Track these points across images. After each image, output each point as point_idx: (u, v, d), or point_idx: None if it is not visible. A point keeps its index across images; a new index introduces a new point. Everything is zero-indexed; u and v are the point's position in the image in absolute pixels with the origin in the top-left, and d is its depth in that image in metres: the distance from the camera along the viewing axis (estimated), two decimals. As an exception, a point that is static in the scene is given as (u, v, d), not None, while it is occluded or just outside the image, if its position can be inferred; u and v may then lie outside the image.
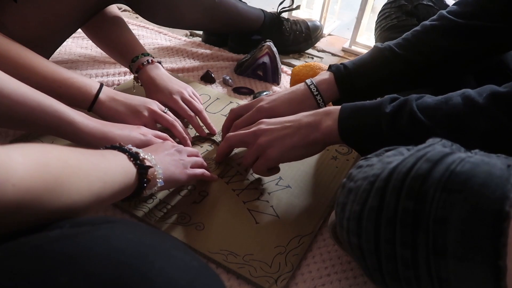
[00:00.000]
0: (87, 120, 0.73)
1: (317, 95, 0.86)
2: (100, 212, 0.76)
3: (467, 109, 0.61)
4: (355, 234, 0.49)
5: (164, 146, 0.75)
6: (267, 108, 0.84)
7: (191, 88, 1.00)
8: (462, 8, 0.84)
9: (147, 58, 1.00)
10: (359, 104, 0.71)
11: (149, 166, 0.63)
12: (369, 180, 0.49)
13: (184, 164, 0.74)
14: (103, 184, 0.53)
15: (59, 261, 0.34)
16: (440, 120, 0.63)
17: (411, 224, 0.44)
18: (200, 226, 0.73)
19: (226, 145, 0.83)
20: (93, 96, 0.84)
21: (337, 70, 0.88)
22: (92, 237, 0.38)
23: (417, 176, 0.45)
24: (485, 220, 0.40)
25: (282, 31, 1.38)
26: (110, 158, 0.58)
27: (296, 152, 0.75)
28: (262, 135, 0.76)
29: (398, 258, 0.45)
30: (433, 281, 0.44)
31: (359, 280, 0.70)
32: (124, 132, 0.76)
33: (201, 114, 0.96)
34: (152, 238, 0.42)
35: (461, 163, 0.44)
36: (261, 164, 0.77)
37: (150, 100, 0.90)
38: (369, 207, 0.47)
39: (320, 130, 0.73)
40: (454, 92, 0.64)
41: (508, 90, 0.59)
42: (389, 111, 0.66)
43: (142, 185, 0.62)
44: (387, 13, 1.12)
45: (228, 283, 0.67)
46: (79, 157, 0.51)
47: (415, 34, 0.87)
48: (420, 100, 0.66)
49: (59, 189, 0.45)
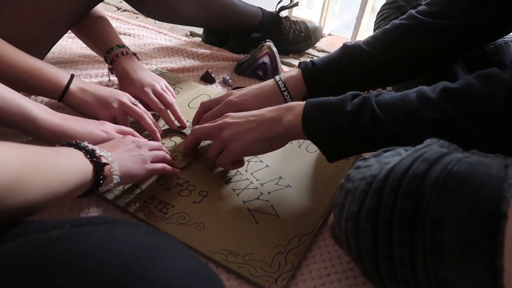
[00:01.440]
0: (49, 116, 0.73)
1: (285, 91, 0.88)
2: (100, 212, 0.76)
3: (421, 104, 0.63)
4: (353, 234, 0.50)
5: (123, 142, 0.75)
6: (235, 102, 0.86)
7: (165, 81, 1.01)
8: (430, 7, 0.86)
9: (122, 49, 1.00)
10: (322, 101, 0.72)
11: (105, 163, 0.63)
12: (367, 180, 0.49)
13: (143, 159, 0.75)
14: (60, 182, 0.53)
15: (58, 262, 0.34)
16: (396, 116, 0.64)
17: (408, 224, 0.44)
18: (200, 226, 0.74)
19: (192, 137, 0.85)
20: (63, 87, 0.84)
21: (305, 67, 0.90)
22: (91, 238, 0.38)
23: (414, 176, 0.45)
24: (482, 220, 0.40)
25: (281, 29, 1.38)
26: (67, 156, 0.59)
27: (259, 146, 0.77)
28: (226, 129, 0.77)
29: (396, 258, 0.45)
30: (430, 281, 0.44)
31: (359, 280, 0.70)
32: (85, 130, 0.77)
33: (172, 107, 0.97)
34: (151, 239, 0.42)
35: (458, 163, 0.45)
36: (224, 157, 0.79)
37: (121, 92, 0.91)
38: (366, 207, 0.48)
39: (281, 125, 0.74)
40: (411, 89, 0.66)
41: (458, 86, 0.61)
42: (350, 109, 0.67)
43: (99, 182, 0.63)
44: (385, 13, 1.12)
45: (228, 283, 0.67)
46: (37, 156, 0.51)
47: (384, 33, 0.89)
48: (379, 97, 0.67)
49: (16, 189, 0.45)
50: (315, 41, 1.50)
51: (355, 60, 0.88)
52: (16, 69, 0.79)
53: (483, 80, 0.60)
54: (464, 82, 0.62)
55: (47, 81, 0.82)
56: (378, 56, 0.87)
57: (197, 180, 0.83)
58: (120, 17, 1.54)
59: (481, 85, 0.59)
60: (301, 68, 0.90)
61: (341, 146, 0.71)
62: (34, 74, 0.81)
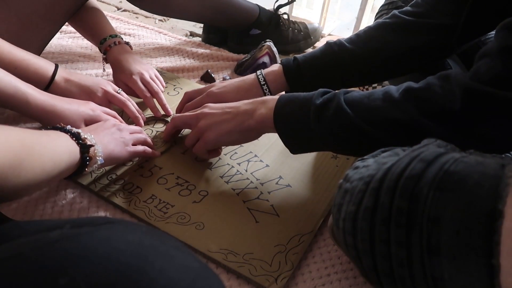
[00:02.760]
0: (39, 94, 0.76)
1: (264, 85, 0.90)
2: (100, 212, 0.77)
3: (385, 103, 0.65)
4: (351, 234, 0.50)
5: (104, 126, 0.78)
6: (216, 94, 0.89)
7: (155, 70, 1.05)
8: (414, 8, 0.88)
9: (115, 39, 1.04)
10: (295, 95, 0.74)
11: (90, 145, 0.67)
12: (365, 180, 0.50)
13: (124, 142, 0.78)
14: (53, 163, 0.57)
15: (59, 262, 0.35)
16: (362, 112, 0.66)
17: (405, 223, 0.44)
18: (200, 225, 0.74)
19: (171, 125, 0.89)
20: (49, 78, 0.87)
21: (287, 62, 0.92)
22: (92, 238, 0.38)
23: (411, 176, 0.46)
24: (478, 219, 0.41)
25: (280, 27, 1.38)
26: (56, 138, 0.62)
27: (232, 137, 0.80)
28: (203, 119, 0.81)
29: (393, 258, 0.46)
30: (428, 280, 0.44)
31: (359, 280, 0.70)
32: (72, 107, 0.80)
33: (158, 95, 1.00)
34: (152, 239, 0.42)
35: (454, 163, 0.45)
36: (200, 146, 0.82)
37: (104, 80, 0.94)
38: (364, 207, 0.48)
39: (254, 118, 0.76)
40: (379, 89, 0.68)
41: (419, 86, 0.64)
42: (319, 103, 0.69)
43: (85, 163, 0.66)
44: (384, 14, 1.12)
45: (228, 283, 0.67)
46: (32, 138, 0.54)
47: (366, 31, 0.90)
48: (348, 94, 0.69)
49: (19, 168, 0.48)
50: (315, 40, 1.50)
51: (336, 57, 0.89)
52: (3, 61, 0.81)
53: (443, 80, 0.62)
54: (426, 82, 0.64)
55: (33, 72, 0.85)
56: (358, 53, 0.88)
57: (197, 180, 0.83)
58: (120, 17, 1.54)
59: (441, 86, 0.62)
60: (283, 64, 0.92)
61: (305, 138, 0.73)
62: (20, 65, 0.83)
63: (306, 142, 0.73)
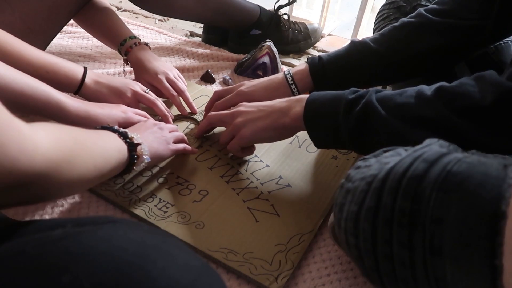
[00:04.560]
0: (71, 100, 0.76)
1: (292, 84, 0.92)
2: (100, 212, 0.76)
3: (416, 101, 0.65)
4: (353, 234, 0.50)
5: (146, 125, 0.79)
6: (246, 92, 0.90)
7: (177, 70, 1.05)
8: (439, 6, 0.87)
9: (135, 40, 1.05)
10: (326, 92, 0.75)
11: (137, 143, 0.68)
12: (367, 180, 0.49)
13: (166, 140, 0.80)
14: (104, 159, 0.57)
15: (62, 260, 0.35)
16: (392, 109, 0.66)
17: (407, 224, 0.44)
18: (200, 224, 0.74)
19: (206, 122, 0.90)
20: (79, 80, 0.87)
21: (312, 61, 0.93)
22: (94, 236, 0.38)
23: (414, 176, 0.46)
24: (481, 220, 0.40)
25: (280, 27, 1.38)
26: (105, 136, 0.63)
27: (267, 134, 0.80)
28: (239, 116, 0.82)
29: (395, 258, 0.45)
30: (430, 281, 0.44)
31: (359, 280, 0.70)
32: (105, 111, 0.80)
33: (183, 94, 1.02)
34: (153, 238, 0.42)
35: (457, 164, 0.45)
36: (235, 143, 0.83)
37: (133, 81, 0.95)
38: (366, 207, 0.48)
39: (289, 116, 0.77)
40: (411, 87, 0.68)
41: (452, 85, 0.63)
42: (351, 98, 0.70)
43: (133, 161, 0.67)
44: (385, 14, 1.12)
45: (228, 283, 0.67)
46: (83, 134, 0.55)
47: (391, 30, 0.90)
48: (381, 92, 0.70)
49: (73, 162, 0.48)
50: (315, 40, 1.50)
51: (360, 57, 0.90)
52: (34, 66, 0.81)
53: (477, 80, 0.62)
54: (459, 81, 0.63)
55: (63, 75, 0.85)
56: (384, 53, 0.88)
57: (197, 179, 0.83)
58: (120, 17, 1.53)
59: (474, 85, 0.61)
60: (308, 63, 0.93)
61: (331, 132, 0.72)
62: (51, 69, 0.83)
63: (332, 136, 0.73)
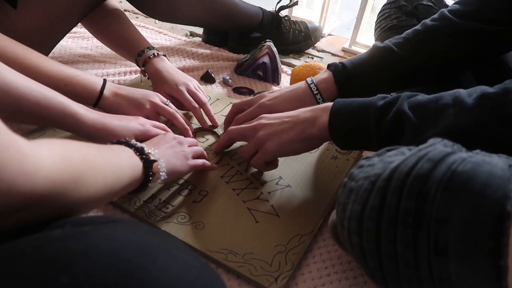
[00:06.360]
0: (88, 112, 0.75)
1: (317, 94, 0.88)
2: (100, 212, 0.76)
3: (456, 110, 0.61)
4: (356, 233, 0.49)
5: (165, 139, 0.76)
6: (268, 105, 0.86)
7: (196, 81, 1.02)
8: (463, 7, 0.85)
9: (153, 51, 1.02)
10: (351, 100, 0.72)
11: (153, 160, 0.65)
12: (370, 179, 0.49)
13: (185, 155, 0.76)
14: (115, 178, 0.55)
15: (61, 261, 0.34)
16: (428, 117, 0.63)
17: (412, 224, 0.44)
18: (200, 225, 0.73)
19: (227, 137, 0.86)
20: (98, 92, 0.85)
21: (336, 69, 0.89)
22: (94, 236, 0.38)
23: (419, 176, 0.45)
24: (486, 220, 0.40)
25: (281, 29, 1.38)
26: (119, 153, 0.60)
27: (293, 147, 0.77)
28: (261, 129, 0.78)
29: (399, 258, 0.45)
30: (434, 281, 0.44)
31: (359, 280, 0.70)
32: (122, 123, 0.78)
33: (205, 106, 0.98)
34: (153, 238, 0.41)
35: (462, 163, 0.44)
36: (259, 158, 0.79)
37: (152, 92, 0.92)
38: (370, 206, 0.47)
39: (316, 126, 0.74)
40: (447, 92, 0.64)
41: (496, 91, 0.59)
42: (380, 105, 0.67)
43: (148, 178, 0.64)
44: (387, 13, 1.12)
45: (228, 283, 0.67)
46: (95, 151, 0.53)
47: (416, 34, 0.88)
48: (413, 98, 0.66)
49: (80, 182, 0.46)
50: (315, 41, 1.50)
51: (385, 62, 0.88)
52: (52, 78, 0.80)
53: None
54: (504, 87, 0.59)
55: (82, 88, 0.84)
56: (409, 59, 0.86)
57: (197, 180, 0.83)
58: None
59: None
60: (332, 71, 0.89)
61: (361, 140, 0.70)
62: (70, 82, 0.83)
63: (362, 145, 0.72)
